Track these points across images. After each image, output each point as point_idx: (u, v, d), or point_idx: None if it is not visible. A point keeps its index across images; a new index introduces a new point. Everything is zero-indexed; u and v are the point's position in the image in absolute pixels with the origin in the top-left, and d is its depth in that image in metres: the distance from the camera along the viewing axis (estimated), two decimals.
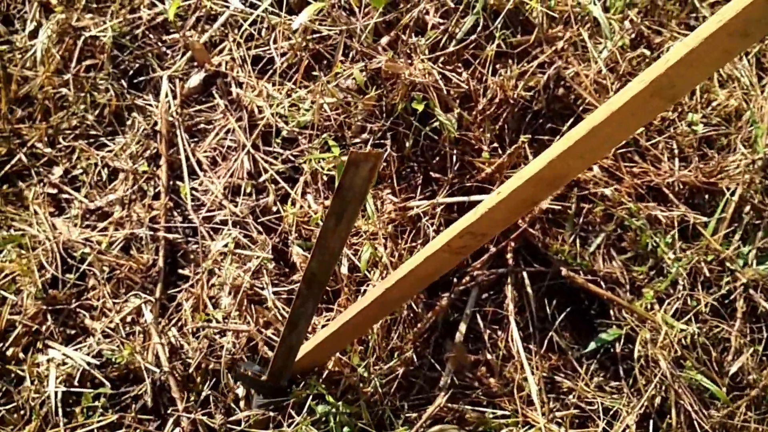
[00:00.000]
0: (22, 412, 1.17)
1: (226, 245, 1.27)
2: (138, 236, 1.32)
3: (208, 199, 1.32)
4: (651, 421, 1.32)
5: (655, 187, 1.59)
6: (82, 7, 1.43)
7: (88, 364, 1.20)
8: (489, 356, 1.35)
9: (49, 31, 1.37)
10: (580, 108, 1.57)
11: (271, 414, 1.14)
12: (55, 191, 1.36)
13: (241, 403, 1.21)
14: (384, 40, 1.43)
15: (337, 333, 1.06)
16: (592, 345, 1.38)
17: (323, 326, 1.19)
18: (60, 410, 1.16)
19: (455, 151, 1.40)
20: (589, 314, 1.44)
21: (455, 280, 1.36)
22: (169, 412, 1.19)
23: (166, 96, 1.37)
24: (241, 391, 1.20)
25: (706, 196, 1.64)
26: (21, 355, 1.23)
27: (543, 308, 1.41)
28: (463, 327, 1.36)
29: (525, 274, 1.40)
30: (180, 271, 1.32)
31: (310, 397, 1.09)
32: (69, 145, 1.37)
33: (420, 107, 1.29)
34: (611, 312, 1.42)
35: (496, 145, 1.48)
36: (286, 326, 1.01)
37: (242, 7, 1.40)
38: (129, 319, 1.28)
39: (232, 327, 1.20)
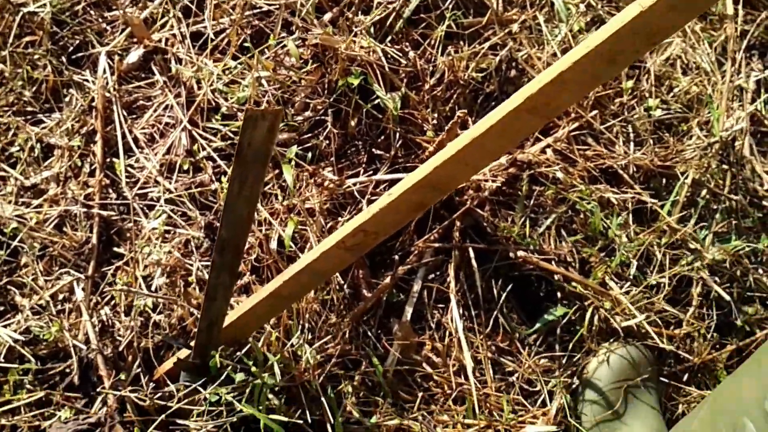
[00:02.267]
0: None
1: (159, 223, 1.26)
2: (72, 213, 1.32)
3: (144, 176, 1.32)
4: None
5: (609, 170, 1.60)
6: None
7: (15, 340, 1.19)
8: (435, 335, 1.34)
9: None
10: None
11: (199, 388, 1.13)
12: None
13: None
14: (327, 16, 1.43)
15: (241, 320, 1.08)
16: (539, 325, 1.38)
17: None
18: None
19: (399, 130, 1.40)
20: (537, 296, 1.44)
21: (397, 258, 1.36)
22: (97, 390, 1.18)
23: (104, 72, 1.38)
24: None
25: (663, 181, 1.65)
26: None
27: (490, 289, 1.41)
28: (409, 307, 1.36)
29: (471, 252, 1.40)
30: (115, 249, 1.32)
31: (230, 366, 1.08)
32: (5, 121, 1.37)
33: (356, 82, 1.30)
34: (559, 293, 1.42)
35: (445, 125, 1.48)
36: (204, 300, 1.01)
37: None
38: (61, 296, 1.27)
39: (157, 296, 1.20)
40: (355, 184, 1.33)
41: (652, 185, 1.63)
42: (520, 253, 1.42)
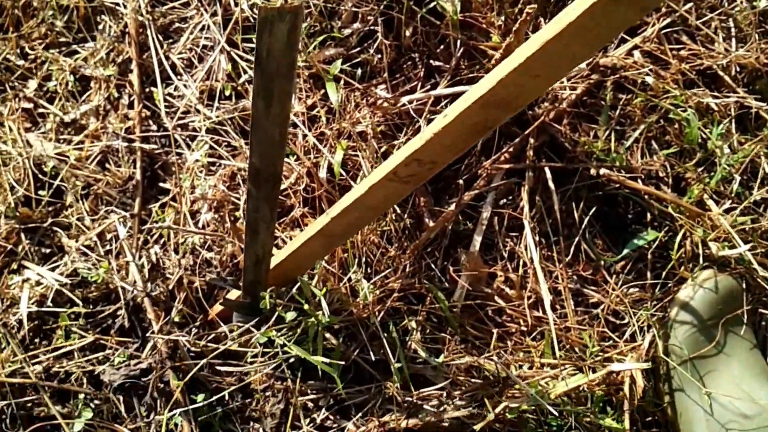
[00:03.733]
0: None
1: (201, 155, 1.18)
2: (114, 148, 1.25)
3: (183, 105, 1.23)
4: None
5: (708, 71, 1.39)
6: None
7: (62, 284, 1.15)
8: (508, 265, 1.22)
9: None
10: None
11: (252, 329, 1.06)
12: (30, 105, 1.30)
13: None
14: None
15: (290, 260, 0.99)
16: (626, 251, 1.23)
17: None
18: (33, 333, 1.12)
19: (461, 37, 1.25)
20: (624, 219, 1.29)
21: (463, 182, 1.23)
22: (148, 333, 1.13)
23: None
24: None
25: None
26: None
27: (570, 213, 1.26)
28: (478, 236, 1.24)
29: (548, 173, 1.25)
30: (161, 184, 1.25)
31: (281, 306, 1.00)
32: (41, 55, 1.30)
33: None
34: (649, 215, 1.26)
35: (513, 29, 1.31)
36: (246, 234, 0.92)
37: None
38: (109, 236, 1.22)
39: (204, 232, 1.12)
40: (411, 102, 1.20)
41: (758, 87, 1.42)
42: (604, 171, 1.26)
